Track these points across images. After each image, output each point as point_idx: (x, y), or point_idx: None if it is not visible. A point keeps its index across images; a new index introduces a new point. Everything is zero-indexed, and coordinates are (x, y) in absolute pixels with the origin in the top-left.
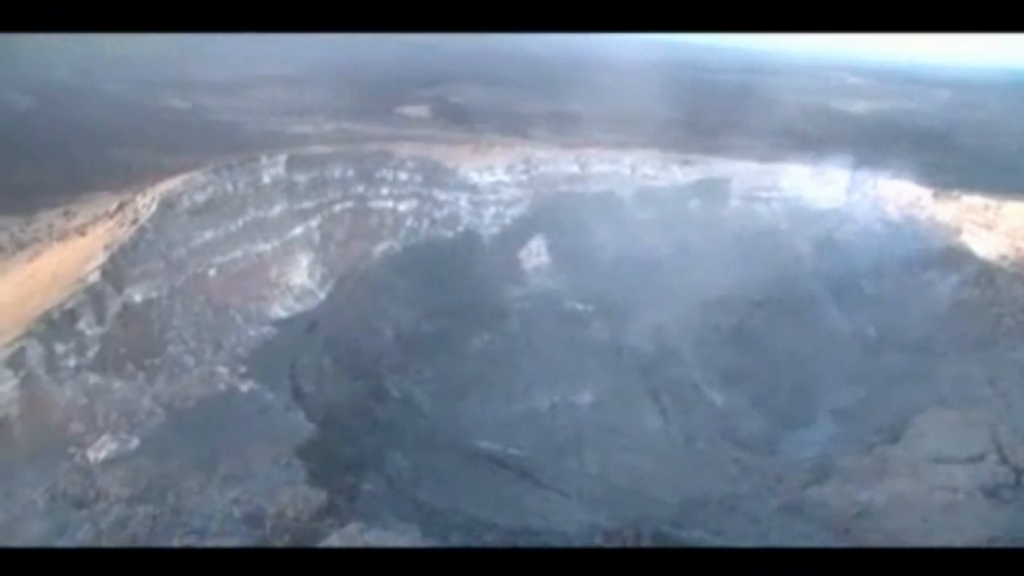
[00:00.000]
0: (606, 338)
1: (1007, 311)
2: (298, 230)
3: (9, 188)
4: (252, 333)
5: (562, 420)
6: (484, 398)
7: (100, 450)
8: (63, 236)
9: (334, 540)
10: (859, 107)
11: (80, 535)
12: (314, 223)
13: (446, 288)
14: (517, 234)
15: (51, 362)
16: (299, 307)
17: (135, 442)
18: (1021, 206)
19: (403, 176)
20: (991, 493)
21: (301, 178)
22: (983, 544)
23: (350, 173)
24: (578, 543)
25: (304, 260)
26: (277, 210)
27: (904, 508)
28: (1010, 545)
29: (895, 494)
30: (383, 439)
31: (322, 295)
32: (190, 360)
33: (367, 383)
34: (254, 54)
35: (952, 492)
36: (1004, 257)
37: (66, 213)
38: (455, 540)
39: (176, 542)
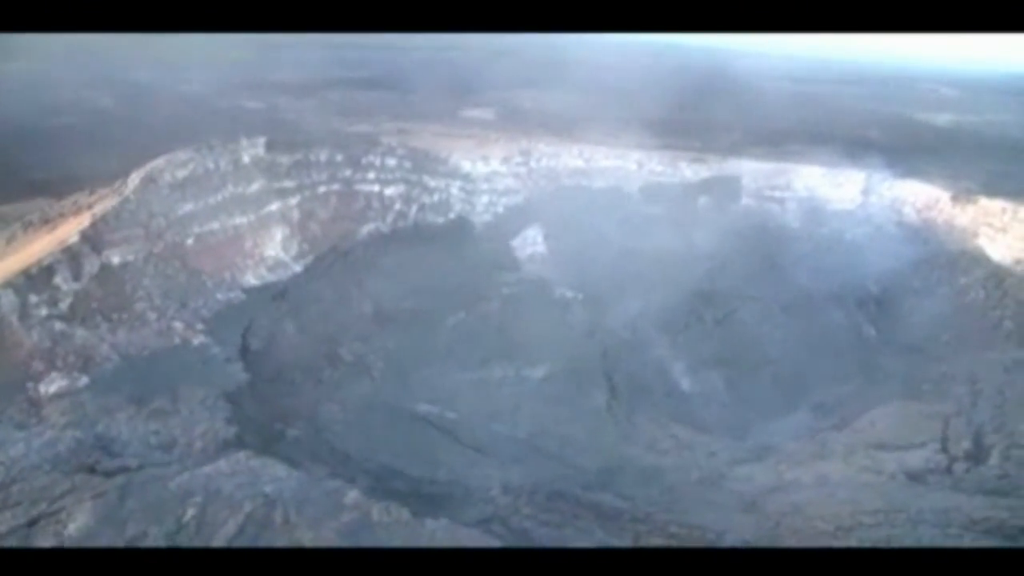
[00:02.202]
0: (583, 323)
1: (1009, 314)
2: (274, 206)
3: (66, 176)
4: (220, 297)
5: (508, 391)
6: (439, 369)
7: (51, 384)
8: (78, 211)
9: (221, 465)
10: (944, 119)
11: (13, 451)
12: (293, 201)
13: (433, 270)
14: (512, 223)
15: (24, 310)
16: (271, 277)
17: (84, 380)
18: None
19: (391, 162)
20: (916, 478)
21: (284, 159)
22: (869, 516)
23: (338, 157)
24: (475, 495)
25: (279, 234)
26: (255, 187)
27: (818, 486)
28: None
29: (820, 475)
30: (323, 395)
31: (297, 268)
32: (152, 315)
33: (322, 347)
34: (331, 59)
35: (876, 475)
36: (1018, 261)
37: (91, 194)
38: (360, 483)
39: (88, 459)
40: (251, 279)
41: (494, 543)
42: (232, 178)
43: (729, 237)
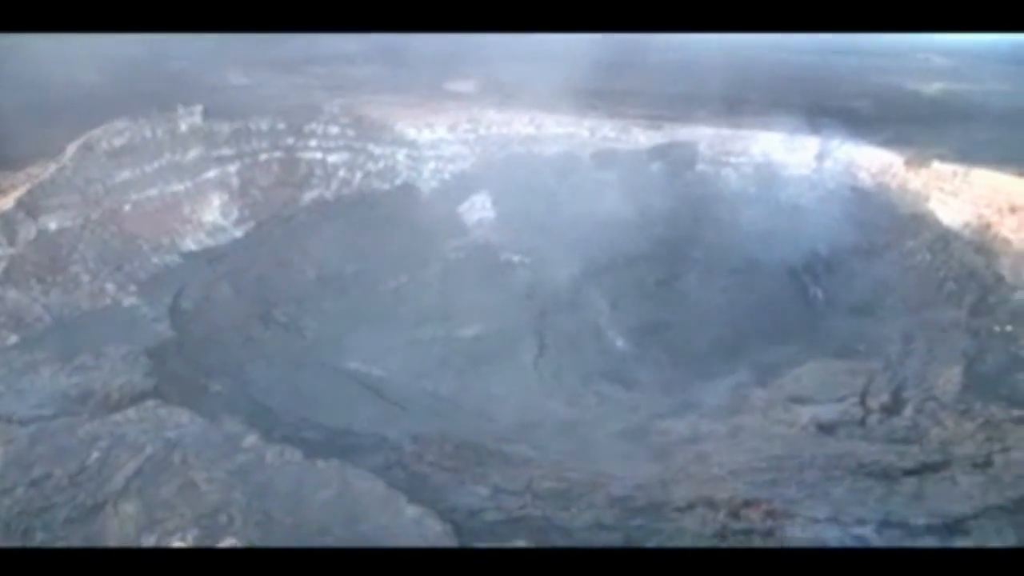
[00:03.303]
0: (523, 285)
1: (952, 276)
2: (212, 173)
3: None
4: (156, 261)
5: (438, 350)
6: (373, 330)
7: None
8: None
9: (129, 414)
10: (934, 88)
11: None
12: (232, 168)
13: (378, 235)
14: (459, 189)
15: None
16: (210, 242)
17: (14, 339)
18: (987, 173)
19: (334, 130)
20: (826, 429)
21: (223, 127)
22: (763, 462)
23: (280, 126)
24: (386, 445)
25: (217, 200)
26: (193, 154)
27: (729, 438)
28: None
29: (735, 427)
30: (252, 354)
31: (238, 233)
32: (86, 278)
33: (257, 309)
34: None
35: (788, 427)
36: (966, 224)
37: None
38: (276, 435)
39: (6, 410)
40: (189, 244)
41: (379, 483)
42: (169, 146)
43: (681, 202)
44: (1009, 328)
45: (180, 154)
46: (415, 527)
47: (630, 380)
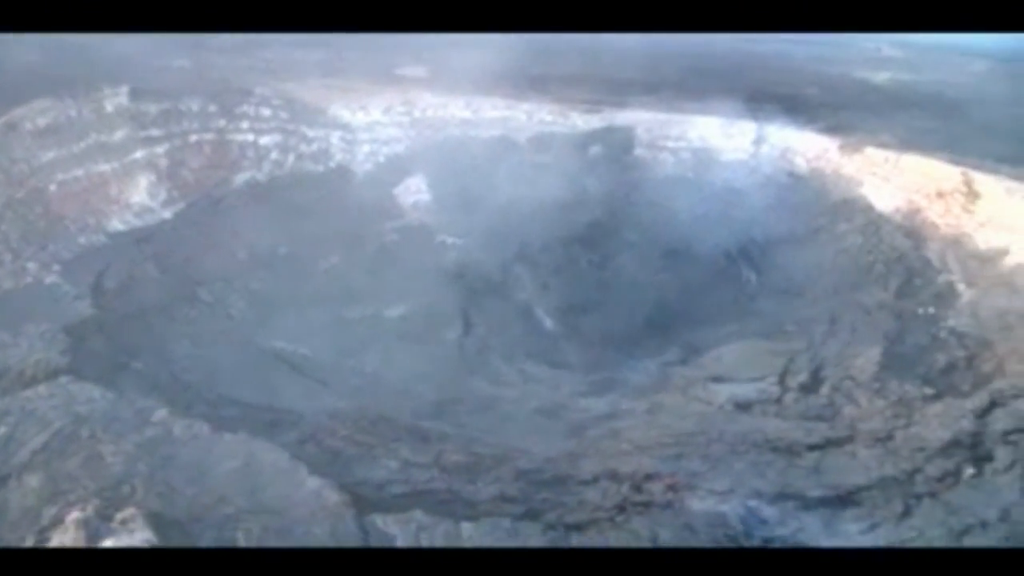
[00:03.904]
0: (456, 266)
1: (882, 259)
2: (139, 154)
3: None
4: (82, 240)
5: (363, 328)
6: (302, 310)
7: None
8: None
9: (40, 390)
10: (882, 77)
11: None
12: (161, 149)
13: (311, 218)
14: (395, 172)
15: None
16: (138, 223)
17: None
18: (918, 159)
19: (266, 112)
20: (743, 407)
21: (151, 108)
22: (672, 438)
23: (211, 108)
24: (303, 420)
25: (145, 181)
26: (120, 135)
27: (645, 415)
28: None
29: (653, 405)
30: (175, 332)
31: (166, 214)
32: (8, 257)
33: (183, 289)
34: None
35: (705, 404)
36: (897, 209)
37: None
38: (196, 411)
39: None
40: (116, 224)
41: (283, 455)
42: (95, 126)
43: (618, 186)
44: (932, 310)
45: (107, 134)
46: (314, 498)
47: (556, 359)
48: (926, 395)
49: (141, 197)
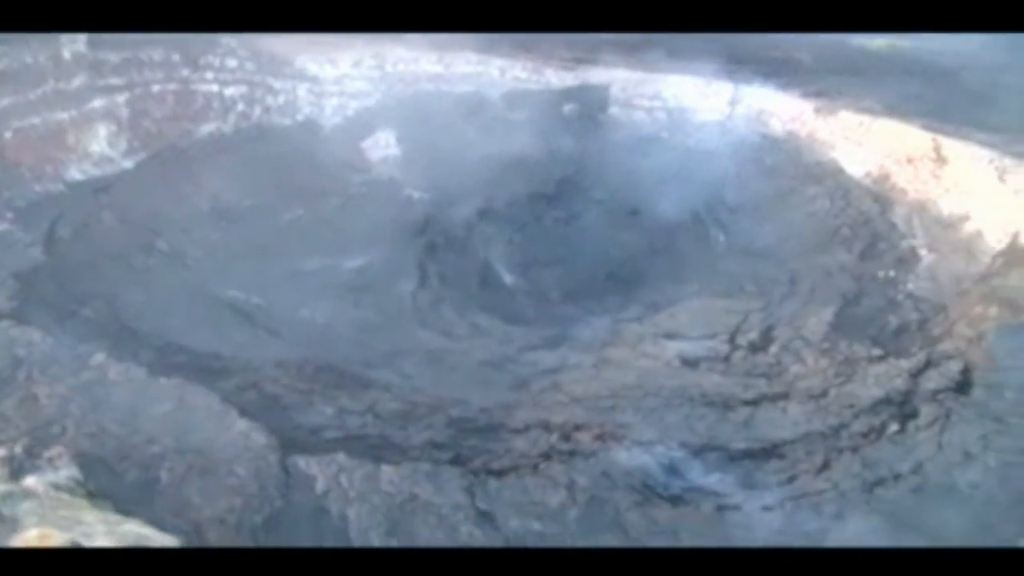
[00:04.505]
0: (420, 221)
1: (848, 222)
2: (98, 103)
3: None
4: (38, 189)
5: (319, 279)
6: (260, 261)
7: None
8: None
9: None
10: (878, 43)
11: None
12: (121, 98)
13: (278, 170)
14: (364, 125)
15: None
16: (97, 172)
17: None
18: (891, 124)
19: (232, 63)
20: (689, 363)
21: (111, 57)
22: (609, 391)
23: (174, 57)
24: (248, 368)
25: (104, 130)
26: (78, 83)
27: (592, 368)
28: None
29: (601, 359)
30: (128, 281)
31: (127, 164)
32: None
33: (140, 238)
34: None
35: (653, 360)
36: (867, 174)
37: None
38: (143, 358)
39: None
40: (75, 173)
41: (214, 398)
42: (53, 73)
43: (590, 144)
44: (892, 273)
45: (64, 82)
46: (241, 439)
47: (512, 314)
48: (873, 356)
49: (100, 146)
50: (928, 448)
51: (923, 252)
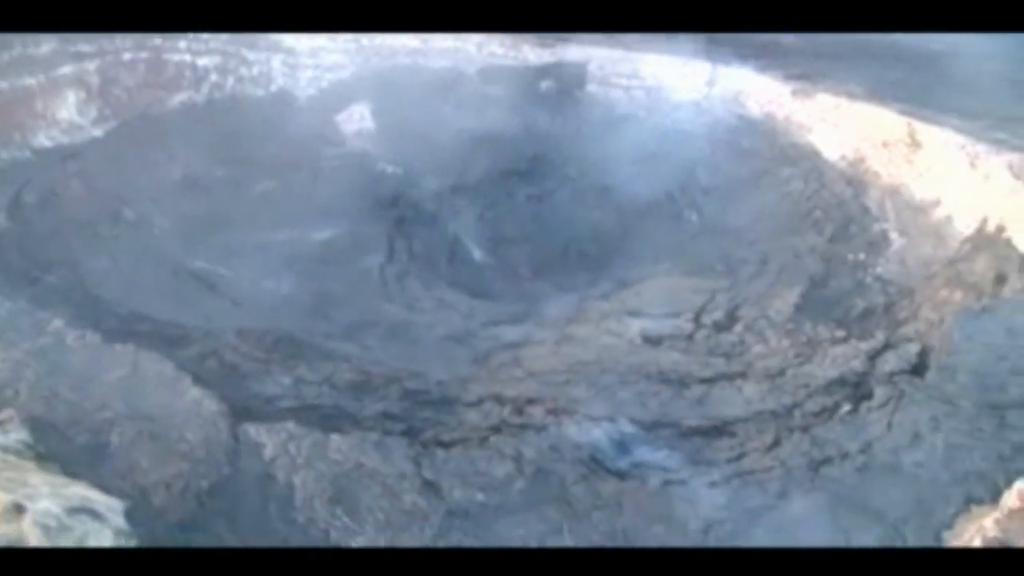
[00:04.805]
0: (392, 195)
1: (821, 205)
2: (67, 69)
3: None
4: (4, 155)
5: (286, 251)
6: (228, 232)
7: None
8: None
9: None
10: None
11: None
12: (91, 66)
13: (250, 141)
14: (338, 98)
15: None
16: (65, 139)
17: None
18: (868, 108)
19: (205, 33)
20: (652, 341)
21: None
22: (566, 366)
23: None
24: (209, 337)
25: (73, 97)
26: (46, 49)
27: (553, 344)
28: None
29: (564, 336)
30: (95, 249)
31: (97, 132)
32: None
33: (108, 207)
34: None
35: (615, 337)
36: (843, 156)
37: None
38: (104, 325)
39: None
40: (43, 140)
41: (169, 365)
42: (21, 38)
43: (566, 121)
44: (862, 256)
45: (33, 47)
46: (193, 406)
47: (479, 289)
48: (836, 337)
49: (69, 113)
50: (878, 429)
51: (894, 236)
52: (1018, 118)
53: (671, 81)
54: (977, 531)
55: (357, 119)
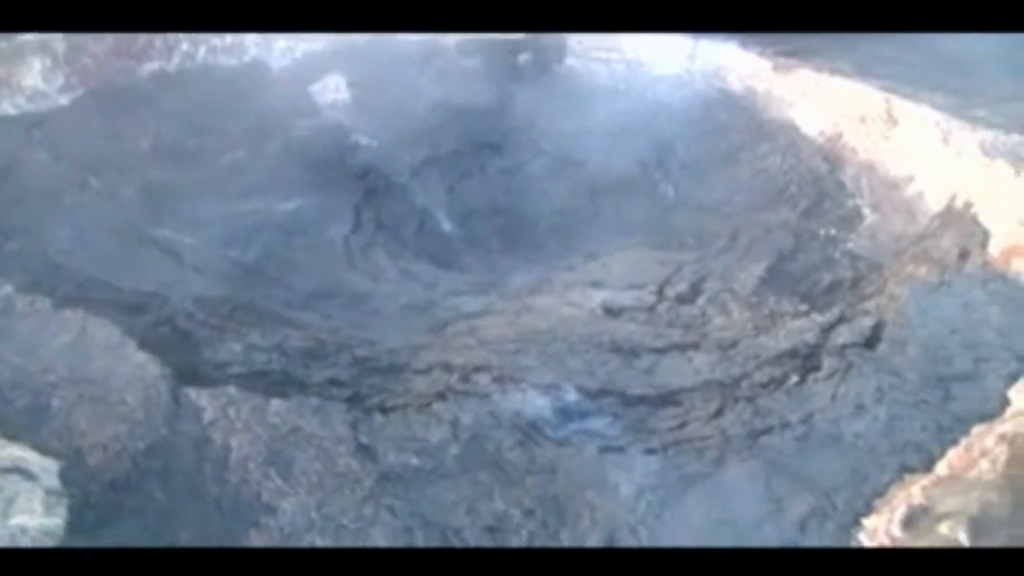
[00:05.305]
0: (362, 166)
1: (796, 180)
2: (30, 35)
3: None
4: None
5: (252, 220)
6: (195, 201)
7: None
8: None
9: None
10: None
11: None
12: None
13: (223, 111)
14: (313, 69)
15: None
16: (30, 107)
17: None
18: (848, 83)
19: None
20: (612, 312)
21: None
22: (503, 336)
23: None
24: (167, 304)
25: (38, 64)
26: None
27: (512, 314)
28: None
29: (525, 306)
30: (58, 217)
31: (63, 100)
32: None
33: (74, 175)
34: None
35: (576, 308)
36: (821, 132)
37: None
38: (62, 291)
39: None
40: (7, 108)
41: (115, 331)
42: None
43: (544, 94)
44: (833, 231)
45: None
46: (137, 370)
47: (447, 261)
48: (798, 311)
49: (34, 81)
50: (822, 400)
51: (867, 212)
52: (1005, 97)
53: (652, 55)
54: (904, 498)
55: (332, 90)
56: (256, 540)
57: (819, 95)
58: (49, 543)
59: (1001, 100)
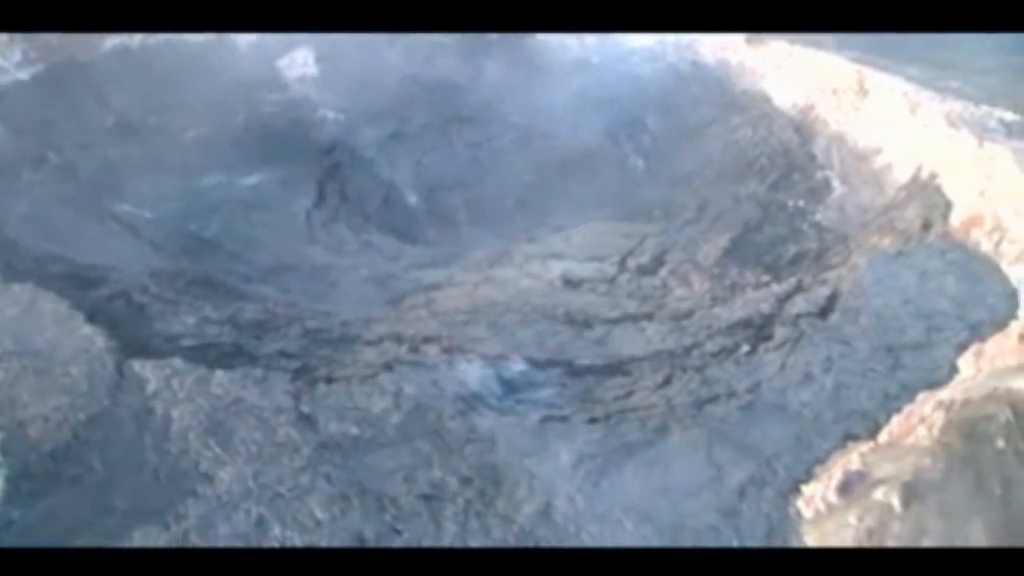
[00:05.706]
0: (328, 141)
1: (767, 152)
2: None
3: None
4: None
5: (214, 196)
6: (157, 176)
7: None
8: None
9: None
10: None
11: None
12: None
13: (188, 87)
14: (280, 44)
15: None
16: None
17: None
18: (820, 55)
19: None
20: (572, 284)
21: None
22: (472, 306)
23: None
24: (123, 279)
25: None
26: None
27: (471, 285)
28: None
29: (486, 277)
30: (16, 194)
31: (22, 75)
32: None
33: (33, 151)
34: None
35: (535, 279)
36: (793, 104)
37: None
38: (20, 267)
39: None
40: None
41: (64, 304)
42: None
43: (515, 68)
44: (801, 203)
45: None
46: (84, 343)
47: (412, 235)
48: (760, 282)
49: None
50: (771, 369)
51: (836, 183)
52: (983, 70)
53: None
54: (843, 465)
55: (300, 64)
56: (192, 509)
57: (792, 67)
58: None
59: (978, 72)
